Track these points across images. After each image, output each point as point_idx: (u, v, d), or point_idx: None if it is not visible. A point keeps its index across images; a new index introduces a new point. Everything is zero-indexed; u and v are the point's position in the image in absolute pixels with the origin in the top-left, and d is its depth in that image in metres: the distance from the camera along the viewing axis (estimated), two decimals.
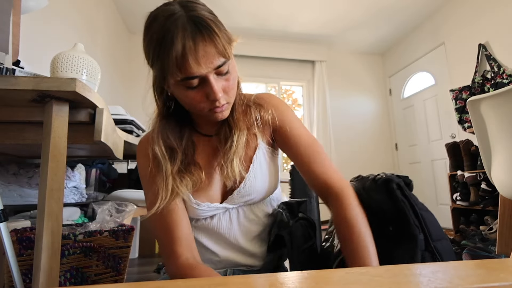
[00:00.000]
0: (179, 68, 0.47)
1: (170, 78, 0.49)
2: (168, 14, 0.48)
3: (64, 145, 0.67)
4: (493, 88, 2.42)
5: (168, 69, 0.47)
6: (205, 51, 0.47)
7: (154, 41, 0.48)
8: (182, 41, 0.46)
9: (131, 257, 2.15)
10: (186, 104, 0.54)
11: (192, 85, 0.49)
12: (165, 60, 0.47)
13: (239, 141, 0.58)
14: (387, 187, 0.55)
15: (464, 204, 2.44)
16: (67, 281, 0.89)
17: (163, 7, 0.50)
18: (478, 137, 1.16)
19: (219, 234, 0.62)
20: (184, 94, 0.51)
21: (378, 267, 0.27)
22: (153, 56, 0.49)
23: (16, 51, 1.23)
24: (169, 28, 0.46)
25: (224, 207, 0.61)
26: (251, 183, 0.60)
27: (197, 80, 0.49)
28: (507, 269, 0.25)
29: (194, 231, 0.62)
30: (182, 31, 0.46)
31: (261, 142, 0.63)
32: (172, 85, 0.51)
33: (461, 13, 3.03)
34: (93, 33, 2.59)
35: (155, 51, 0.48)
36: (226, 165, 0.56)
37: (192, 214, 0.60)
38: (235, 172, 0.56)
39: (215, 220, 0.62)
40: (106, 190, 1.76)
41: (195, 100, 0.51)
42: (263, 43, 3.76)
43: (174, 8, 0.49)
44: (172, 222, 0.55)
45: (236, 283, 0.23)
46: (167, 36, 0.46)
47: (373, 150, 4.04)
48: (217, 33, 0.48)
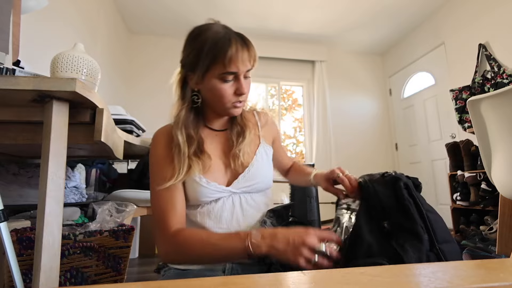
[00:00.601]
0: (229, 63, 0.63)
1: (215, 71, 0.64)
2: (218, 28, 0.67)
3: (64, 145, 0.67)
4: (493, 88, 2.42)
5: (217, 63, 0.63)
6: (245, 56, 0.65)
7: (209, 43, 0.64)
8: (235, 45, 0.63)
9: (131, 257, 2.15)
10: (216, 95, 0.67)
11: (228, 79, 0.65)
12: (218, 56, 0.62)
13: (249, 137, 0.75)
14: (395, 185, 0.56)
15: (464, 204, 2.43)
16: (67, 281, 0.89)
17: (208, 25, 0.68)
18: (478, 137, 1.16)
19: (223, 217, 0.69)
20: (219, 86, 0.66)
21: (378, 267, 0.27)
22: (204, 54, 0.64)
23: (16, 51, 1.23)
24: (225, 35, 0.64)
25: (229, 190, 0.70)
26: (254, 170, 0.73)
27: (232, 77, 0.66)
28: (507, 269, 0.25)
29: (199, 217, 0.69)
30: (235, 39, 0.64)
31: (263, 142, 0.79)
32: (210, 78, 0.65)
33: (461, 13, 3.03)
34: (93, 33, 2.59)
35: (209, 50, 0.63)
36: (239, 154, 0.71)
37: (200, 194, 0.68)
38: (245, 159, 0.72)
39: (220, 203, 0.70)
40: (106, 190, 1.76)
41: (226, 93, 0.66)
42: (263, 43, 3.76)
43: (218, 26, 0.68)
44: (173, 197, 0.66)
45: (236, 283, 0.23)
46: (224, 40, 0.63)
47: (373, 150, 4.04)
48: (252, 46, 0.67)
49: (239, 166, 0.71)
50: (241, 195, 0.72)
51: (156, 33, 3.69)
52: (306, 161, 4.04)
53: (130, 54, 3.63)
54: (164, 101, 4.30)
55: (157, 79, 3.65)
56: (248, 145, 0.74)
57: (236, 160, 0.71)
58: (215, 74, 0.65)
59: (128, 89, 3.53)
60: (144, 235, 2.36)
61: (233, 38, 0.64)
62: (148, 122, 2.43)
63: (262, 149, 0.78)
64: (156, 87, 3.62)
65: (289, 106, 4.76)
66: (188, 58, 0.69)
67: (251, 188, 0.73)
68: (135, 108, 3.44)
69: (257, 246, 0.55)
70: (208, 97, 0.70)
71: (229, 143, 0.75)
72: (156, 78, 3.64)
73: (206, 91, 0.69)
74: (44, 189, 0.63)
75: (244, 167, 0.72)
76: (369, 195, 0.58)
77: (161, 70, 3.68)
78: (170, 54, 3.75)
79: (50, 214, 0.63)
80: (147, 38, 3.72)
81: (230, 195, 0.71)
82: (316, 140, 3.76)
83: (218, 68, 0.64)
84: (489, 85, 2.47)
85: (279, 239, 0.55)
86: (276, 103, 4.07)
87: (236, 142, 0.73)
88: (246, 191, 0.72)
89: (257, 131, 0.80)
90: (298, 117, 4.52)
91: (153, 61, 3.69)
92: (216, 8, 3.23)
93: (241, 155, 0.71)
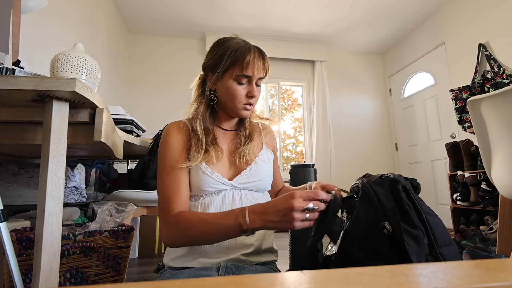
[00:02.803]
0: (246, 67, 0.73)
1: (232, 72, 0.73)
2: (239, 39, 0.78)
3: (64, 145, 0.67)
4: (493, 88, 2.42)
5: (236, 66, 0.73)
6: (260, 65, 0.75)
7: (231, 49, 0.74)
8: (253, 53, 0.74)
9: (131, 257, 2.15)
10: (230, 95, 0.76)
11: (242, 82, 0.75)
12: (237, 60, 0.73)
13: (255, 140, 0.84)
14: (393, 187, 0.55)
15: (464, 204, 2.43)
16: (67, 281, 0.89)
17: (231, 36, 0.79)
18: (478, 137, 1.16)
19: (222, 209, 0.73)
20: (234, 87, 0.75)
21: (378, 267, 0.27)
22: (226, 57, 0.73)
23: (16, 51, 1.23)
24: (245, 45, 0.75)
25: (232, 184, 0.75)
26: (256, 168, 0.79)
27: (246, 80, 0.75)
28: (507, 269, 0.25)
29: (200, 208, 0.73)
30: (253, 49, 0.75)
31: (265, 147, 0.87)
32: (228, 79, 0.74)
33: (461, 13, 3.03)
34: (93, 33, 2.59)
35: (230, 54, 0.73)
36: (245, 152, 0.79)
37: (204, 183, 0.72)
38: (249, 158, 0.79)
39: (221, 196, 0.74)
40: (106, 190, 1.76)
41: (239, 93, 0.75)
42: (263, 43, 3.75)
43: (240, 38, 0.79)
44: (179, 182, 0.71)
45: (237, 283, 0.23)
46: (245, 48, 0.74)
47: (373, 150, 4.04)
48: (267, 59, 0.78)
49: (243, 163, 0.78)
50: (242, 191, 0.77)
51: (156, 33, 3.69)
52: (306, 161, 4.04)
53: (130, 54, 3.63)
54: (164, 101, 4.31)
55: (157, 79, 3.65)
56: (253, 147, 0.82)
57: (241, 157, 0.78)
58: (232, 76, 0.74)
59: (128, 89, 3.53)
60: (144, 235, 2.36)
61: (252, 48, 0.75)
62: (148, 122, 2.44)
63: (265, 153, 0.85)
64: (156, 87, 3.63)
65: (289, 106, 4.76)
66: (210, 60, 0.78)
67: (251, 185, 0.77)
68: (135, 108, 3.44)
69: (251, 222, 0.58)
70: (222, 96, 0.78)
71: (236, 142, 0.83)
72: (156, 78, 3.65)
73: (222, 90, 0.77)
74: (44, 189, 0.63)
75: (247, 165, 0.78)
76: (368, 195, 0.56)
77: (161, 70, 3.69)
78: (170, 54, 3.76)
79: (50, 214, 0.63)
80: (147, 38, 3.72)
81: (231, 189, 0.76)
82: (316, 140, 3.76)
83: (236, 70, 0.73)
84: (489, 85, 2.47)
85: (270, 212, 0.57)
86: (276, 103, 4.07)
87: (244, 142, 0.82)
88: (247, 187, 0.77)
89: (261, 137, 0.88)
90: (298, 117, 4.52)
91: (153, 61, 3.69)
92: (216, 8, 3.23)
93: (247, 153, 0.79)
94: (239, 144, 0.82)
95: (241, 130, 0.85)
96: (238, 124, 0.86)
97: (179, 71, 3.70)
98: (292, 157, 4.56)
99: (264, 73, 0.77)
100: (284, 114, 4.53)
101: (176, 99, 3.54)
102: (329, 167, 3.67)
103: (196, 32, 3.68)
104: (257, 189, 0.80)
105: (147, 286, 0.22)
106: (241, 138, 0.83)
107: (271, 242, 0.80)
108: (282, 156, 4.10)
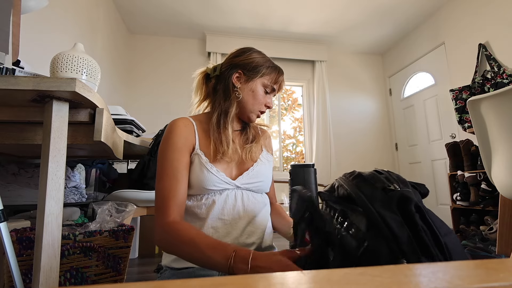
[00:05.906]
0: (276, 81, 0.84)
1: (264, 79, 0.83)
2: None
3: (64, 145, 0.67)
4: (493, 88, 2.42)
5: (270, 76, 0.83)
6: (282, 86, 0.88)
7: (270, 62, 0.85)
8: (283, 76, 0.87)
9: (131, 257, 2.15)
10: (254, 98, 0.82)
11: (267, 90, 0.84)
12: (273, 72, 0.84)
13: (260, 141, 0.88)
14: (403, 208, 0.43)
15: (464, 204, 2.43)
16: (67, 281, 0.89)
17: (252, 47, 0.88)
18: (478, 137, 1.16)
19: (225, 209, 0.75)
20: (261, 92, 0.83)
21: (378, 267, 0.26)
22: (266, 65, 0.83)
23: (16, 51, 1.23)
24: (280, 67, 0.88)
25: (234, 184, 0.77)
26: (258, 170, 0.82)
27: (270, 90, 0.84)
28: (507, 269, 0.25)
29: (204, 209, 0.74)
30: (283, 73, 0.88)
31: (264, 150, 0.90)
32: (258, 83, 0.82)
33: (461, 13, 3.03)
34: (93, 33, 2.59)
35: (270, 65, 0.84)
36: (251, 151, 0.82)
37: (208, 182, 0.73)
38: (254, 156, 0.83)
39: (224, 195, 0.76)
40: (106, 190, 1.76)
41: (262, 99, 0.83)
42: (263, 43, 3.76)
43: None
44: (177, 185, 0.70)
45: (236, 283, 0.23)
46: (280, 68, 0.86)
47: (373, 150, 4.04)
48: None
49: (248, 160, 0.81)
50: (243, 191, 0.79)
51: (156, 33, 3.69)
52: (306, 161, 4.04)
53: (130, 54, 3.63)
54: (164, 101, 4.31)
55: (157, 79, 3.65)
56: (257, 147, 0.86)
57: (247, 153, 0.81)
58: (263, 82, 0.83)
59: (128, 89, 3.53)
60: (144, 235, 2.36)
61: (282, 72, 0.87)
62: (148, 122, 2.44)
63: (265, 156, 0.88)
64: (156, 87, 3.63)
65: (289, 106, 4.76)
66: (245, 60, 0.83)
67: (253, 186, 0.80)
68: (135, 108, 3.44)
69: (240, 270, 0.55)
70: (246, 96, 0.82)
71: (241, 141, 0.86)
72: (156, 78, 3.65)
73: (247, 91, 0.82)
74: (44, 189, 0.63)
75: (252, 161, 0.82)
76: (374, 224, 0.42)
77: (161, 70, 3.69)
78: (170, 54, 3.76)
79: (50, 214, 0.63)
80: (147, 38, 3.72)
81: (234, 189, 0.77)
82: (316, 140, 3.76)
83: (268, 79, 0.83)
84: (489, 85, 2.47)
85: (262, 268, 0.54)
86: (276, 103, 4.07)
87: (252, 139, 0.86)
88: (249, 188, 0.79)
89: (261, 141, 0.92)
90: (298, 117, 4.52)
91: (153, 61, 3.69)
92: (216, 8, 3.23)
93: (252, 153, 0.82)
94: (245, 142, 0.85)
95: (248, 131, 0.89)
96: (243, 126, 0.89)
97: (179, 71, 3.70)
98: (292, 157, 4.56)
99: (278, 92, 0.88)
100: (284, 114, 4.53)
101: (176, 99, 3.54)
102: (329, 167, 3.67)
103: (196, 32, 3.68)
104: (258, 190, 0.82)
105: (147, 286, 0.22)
106: (249, 136, 0.87)
107: (271, 241, 0.81)
108: (282, 156, 4.09)
